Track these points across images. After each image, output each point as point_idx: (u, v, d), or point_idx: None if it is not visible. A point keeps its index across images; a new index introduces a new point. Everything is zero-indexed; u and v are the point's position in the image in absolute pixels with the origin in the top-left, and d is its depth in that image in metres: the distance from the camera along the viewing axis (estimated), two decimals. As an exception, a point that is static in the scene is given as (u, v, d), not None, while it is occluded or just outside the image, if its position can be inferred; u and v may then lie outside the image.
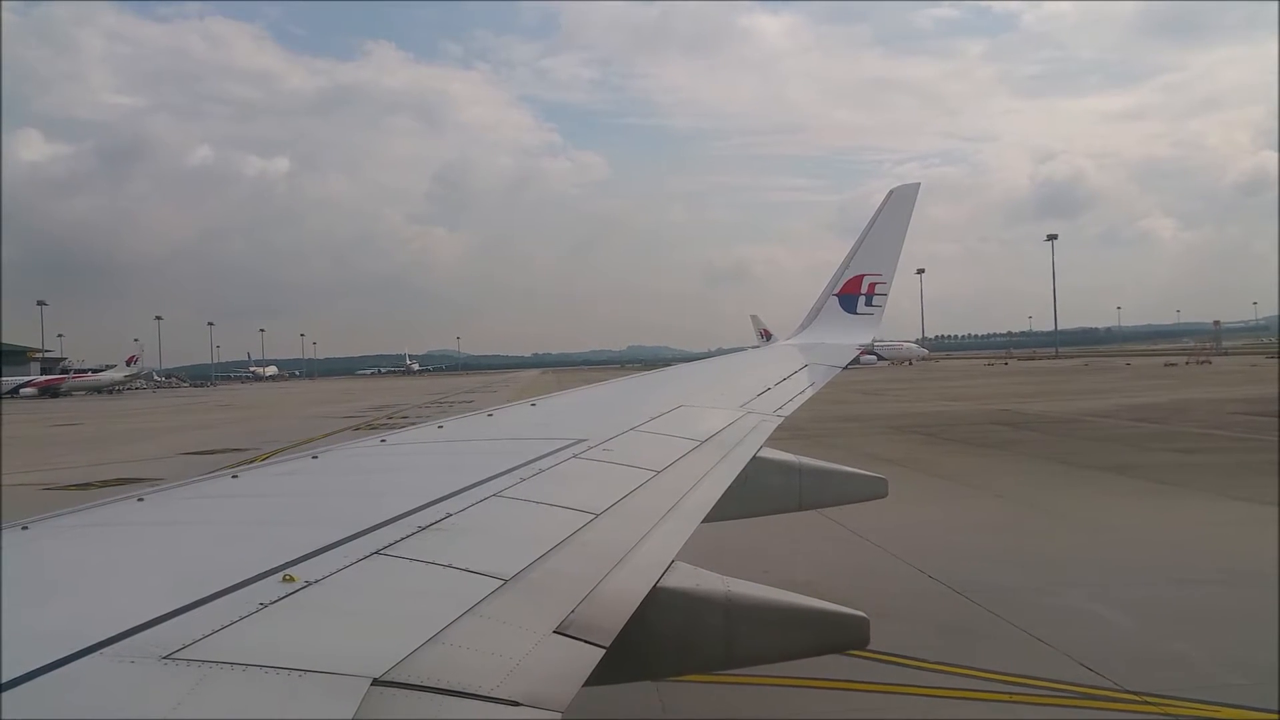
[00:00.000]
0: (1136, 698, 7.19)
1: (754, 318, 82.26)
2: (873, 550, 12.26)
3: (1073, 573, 11.16)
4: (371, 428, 39.04)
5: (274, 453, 28.16)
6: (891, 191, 11.13)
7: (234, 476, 3.83)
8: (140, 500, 3.42)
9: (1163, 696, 7.21)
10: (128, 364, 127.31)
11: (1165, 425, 28.65)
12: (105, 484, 22.08)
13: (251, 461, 25.93)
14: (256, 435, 37.02)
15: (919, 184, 11.17)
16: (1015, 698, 7.37)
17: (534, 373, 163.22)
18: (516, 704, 1.79)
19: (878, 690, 7.48)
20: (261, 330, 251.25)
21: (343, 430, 37.93)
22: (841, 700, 7.33)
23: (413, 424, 7.47)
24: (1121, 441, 25.20)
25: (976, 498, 16.81)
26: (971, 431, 29.39)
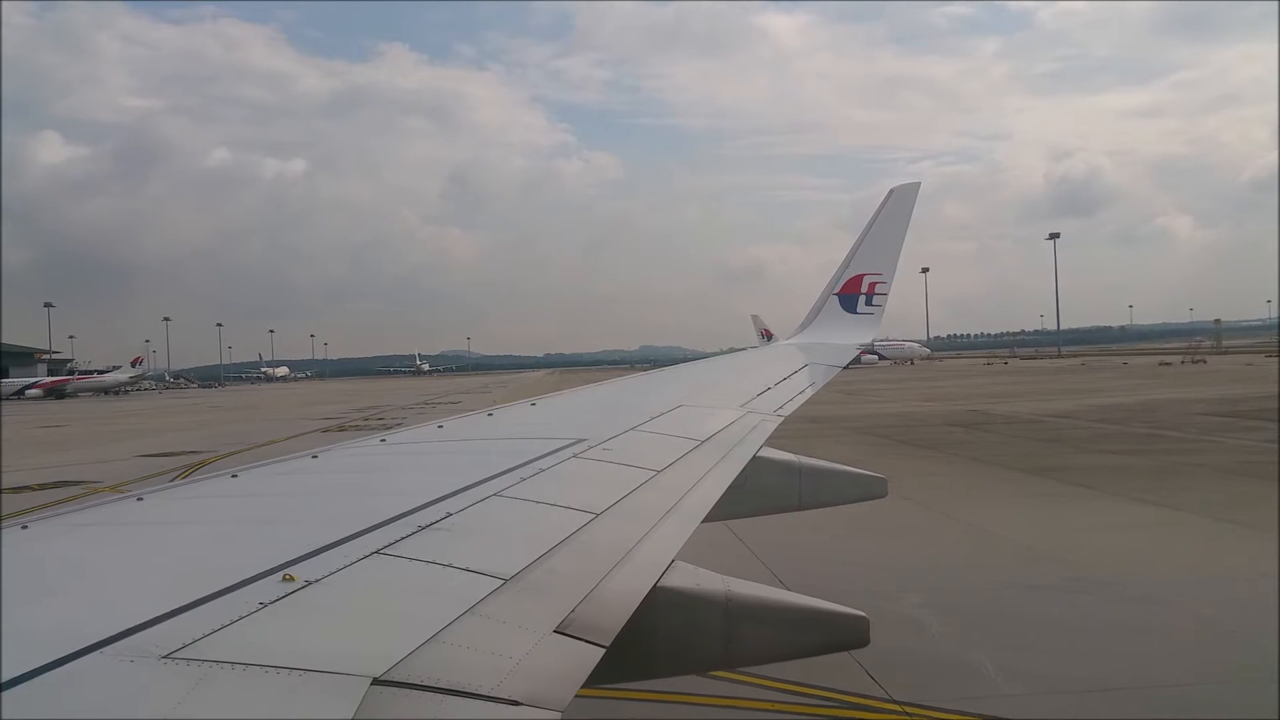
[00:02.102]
0: (898, 708, 7.23)
1: (754, 317, 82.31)
2: (739, 553, 11.84)
3: (926, 578, 11.22)
4: (342, 429, 40.32)
5: (228, 455, 29.17)
6: (891, 191, 11.12)
7: (233, 476, 3.83)
8: (140, 500, 3.42)
9: (923, 707, 7.26)
10: (133, 365, 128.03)
11: (1122, 426, 28.85)
12: (44, 486, 22.72)
13: (203, 464, 26.59)
14: (224, 437, 37.61)
15: (919, 183, 11.17)
16: (778, 706, 7.32)
17: (540, 373, 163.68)
18: (517, 703, 1.78)
19: (641, 698, 7.32)
20: (271, 331, 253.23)
21: (311, 433, 38.78)
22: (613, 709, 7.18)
23: (387, 426, 7.51)
24: (1065, 443, 25.45)
25: (885, 501, 16.56)
26: (927, 433, 29.54)
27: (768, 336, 57.69)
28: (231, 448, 32.04)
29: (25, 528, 2.91)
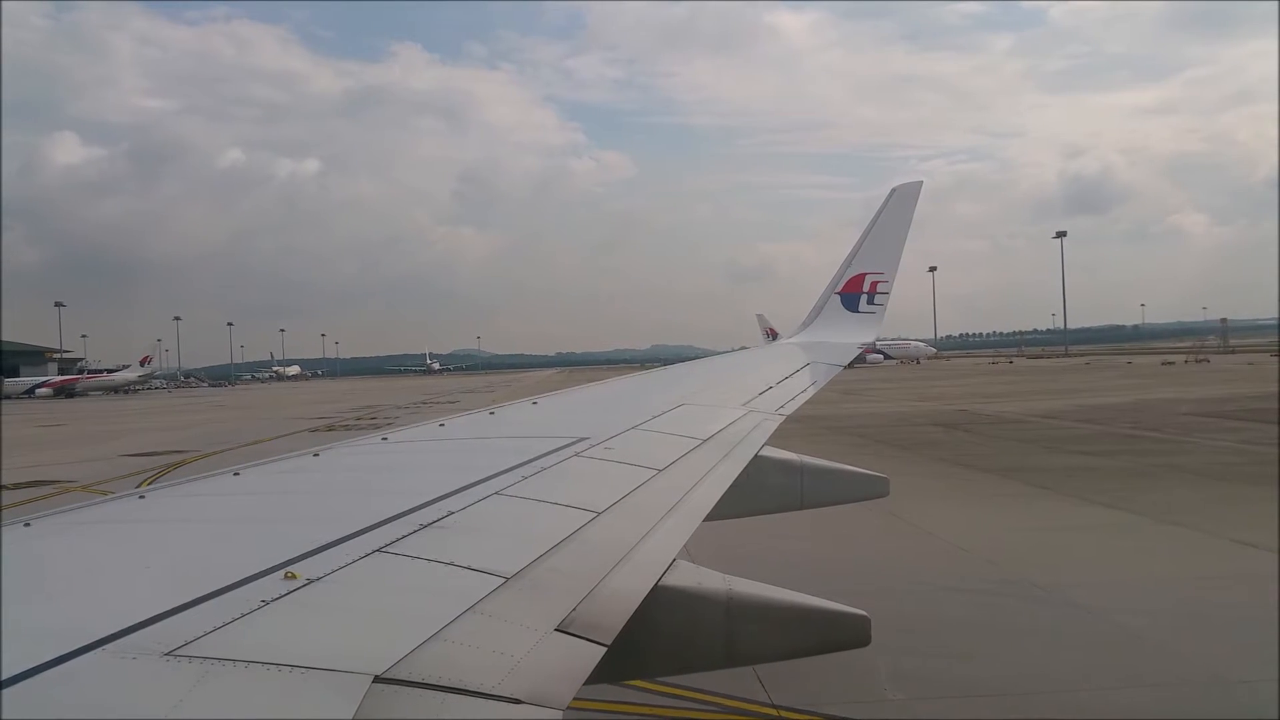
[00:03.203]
0: (775, 712, 7.21)
1: (759, 316, 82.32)
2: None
3: (846, 578, 11.11)
4: (331, 429, 40.87)
5: (210, 455, 29.63)
6: (893, 190, 11.11)
7: (235, 474, 3.83)
8: (142, 498, 3.43)
9: (800, 711, 7.23)
10: (141, 364, 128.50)
11: (1103, 426, 28.78)
12: (18, 485, 23.16)
13: (182, 464, 26.71)
14: (213, 437, 37.91)
15: (921, 182, 11.16)
16: (655, 710, 7.30)
17: (548, 372, 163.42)
18: (518, 701, 1.78)
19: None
20: (282, 330, 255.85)
21: (299, 433, 39.23)
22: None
23: (376, 426, 7.49)
24: (1040, 443, 25.39)
25: None
26: (907, 433, 29.44)
27: (773, 335, 57.71)
28: (216, 447, 32.32)
29: (28, 525, 2.92)
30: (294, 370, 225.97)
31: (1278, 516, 13.56)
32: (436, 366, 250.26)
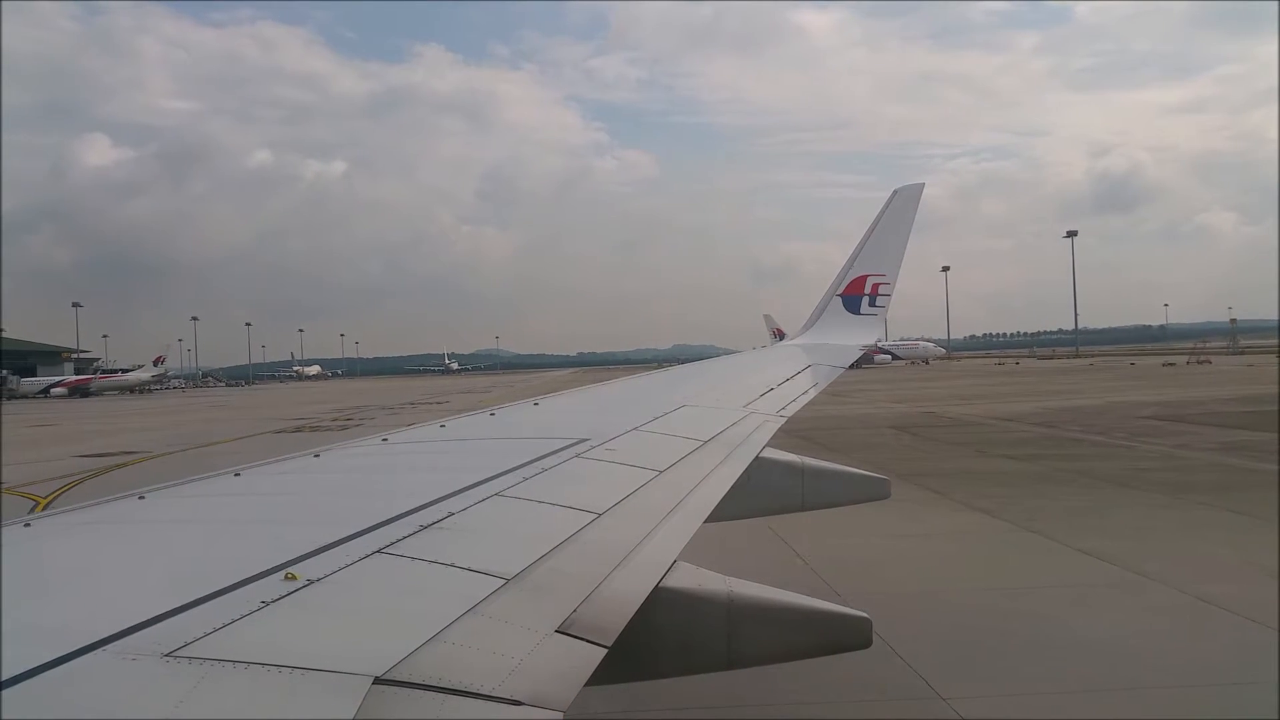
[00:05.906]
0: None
1: (767, 317, 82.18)
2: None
3: None
4: (299, 430, 40.84)
5: (161, 455, 29.70)
6: (895, 192, 11.12)
7: (236, 475, 3.83)
8: (142, 498, 3.42)
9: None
10: (155, 364, 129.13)
11: (1055, 430, 28.39)
12: None
13: (129, 464, 26.60)
14: (181, 439, 37.72)
15: (923, 184, 11.17)
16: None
17: (564, 372, 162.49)
18: (518, 703, 1.78)
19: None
20: (300, 330, 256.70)
21: (265, 434, 39.29)
22: None
23: (345, 429, 7.37)
24: (975, 446, 25.07)
25: None
26: (855, 435, 28.97)
27: (780, 335, 57.64)
28: (171, 449, 32.38)
29: (28, 525, 2.92)
30: (314, 370, 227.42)
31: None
32: (455, 366, 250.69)
